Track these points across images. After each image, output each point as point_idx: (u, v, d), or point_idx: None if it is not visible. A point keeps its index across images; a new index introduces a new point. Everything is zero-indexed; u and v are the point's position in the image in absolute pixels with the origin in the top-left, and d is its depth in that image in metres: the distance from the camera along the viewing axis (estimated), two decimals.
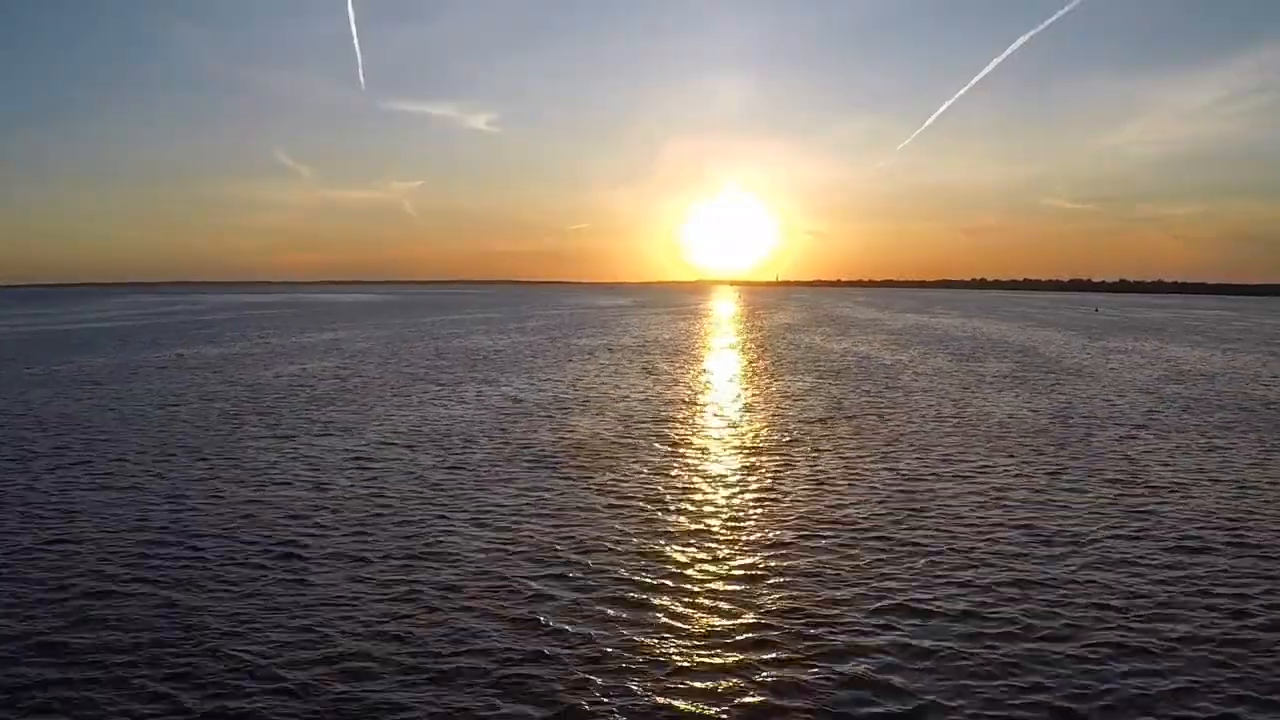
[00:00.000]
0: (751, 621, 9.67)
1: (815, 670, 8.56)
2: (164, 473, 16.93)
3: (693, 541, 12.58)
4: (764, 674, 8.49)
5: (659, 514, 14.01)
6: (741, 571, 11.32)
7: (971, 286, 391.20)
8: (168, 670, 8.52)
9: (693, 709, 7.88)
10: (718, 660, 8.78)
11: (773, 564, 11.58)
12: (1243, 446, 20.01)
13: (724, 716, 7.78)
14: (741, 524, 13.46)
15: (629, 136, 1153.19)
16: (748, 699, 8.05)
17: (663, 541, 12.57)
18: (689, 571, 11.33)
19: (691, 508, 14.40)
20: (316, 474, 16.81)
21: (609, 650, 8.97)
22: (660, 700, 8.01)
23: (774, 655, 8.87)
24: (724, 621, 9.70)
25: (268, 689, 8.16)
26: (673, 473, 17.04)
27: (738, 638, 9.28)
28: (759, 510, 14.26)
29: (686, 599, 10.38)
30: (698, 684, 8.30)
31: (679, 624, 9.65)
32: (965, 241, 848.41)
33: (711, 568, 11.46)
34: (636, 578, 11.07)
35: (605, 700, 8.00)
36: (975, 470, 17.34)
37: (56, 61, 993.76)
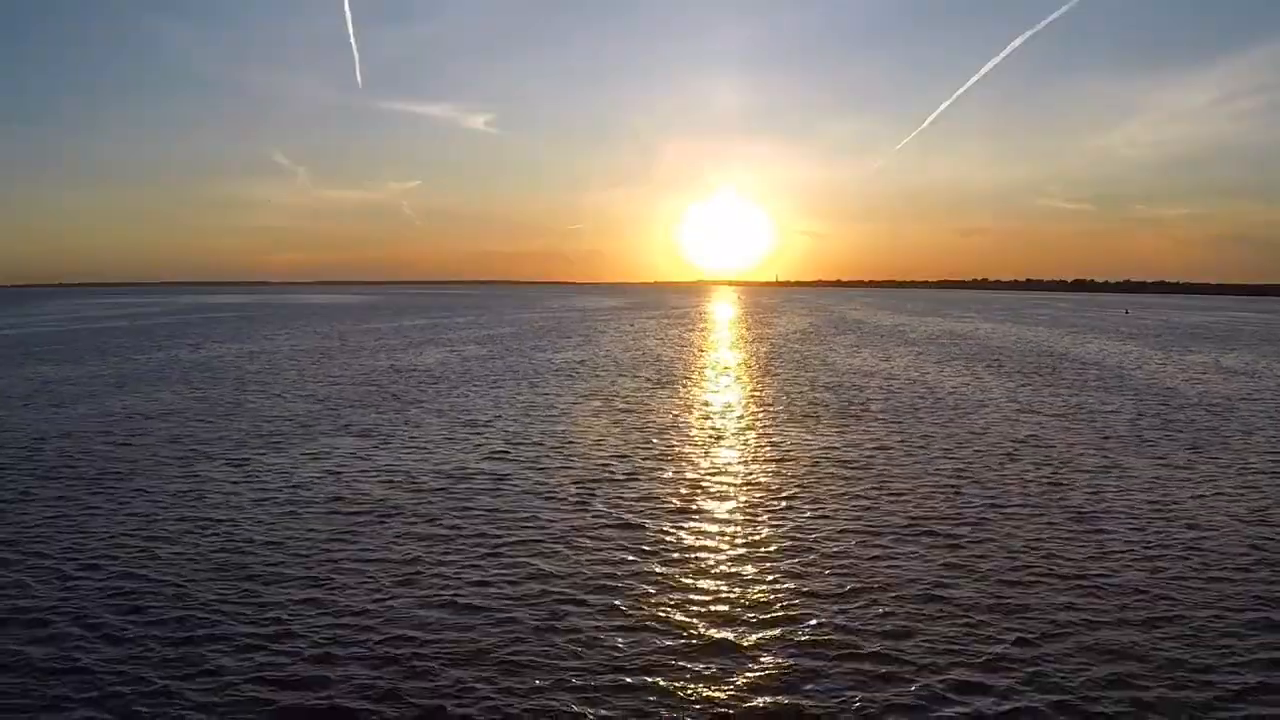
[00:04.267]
0: None
1: None
2: None
3: None
4: None
5: None
6: None
7: (972, 287, 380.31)
8: None
9: None
10: None
11: None
12: None
13: None
14: None
15: (626, 137, 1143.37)
16: None
17: None
18: None
19: None
20: None
21: None
22: None
23: None
24: None
25: None
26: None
27: None
28: None
29: None
30: None
31: None
32: (959, 243, 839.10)
33: None
34: None
35: None
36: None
37: (56, 61, 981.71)
